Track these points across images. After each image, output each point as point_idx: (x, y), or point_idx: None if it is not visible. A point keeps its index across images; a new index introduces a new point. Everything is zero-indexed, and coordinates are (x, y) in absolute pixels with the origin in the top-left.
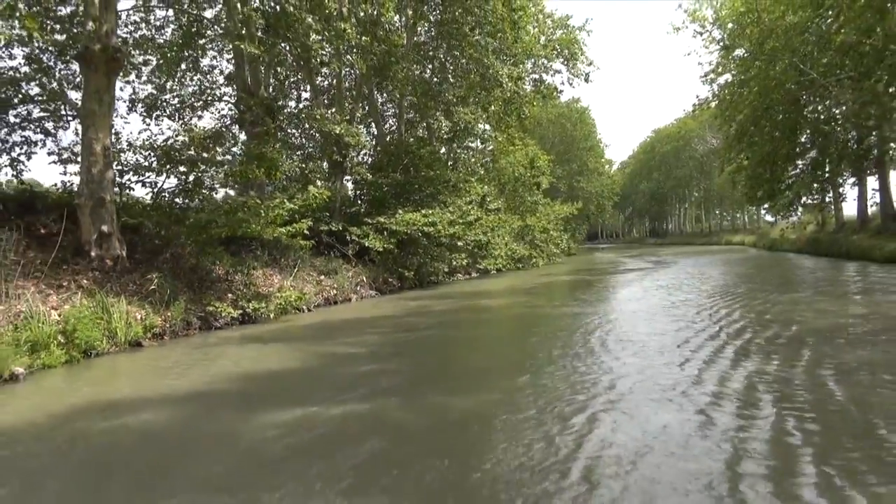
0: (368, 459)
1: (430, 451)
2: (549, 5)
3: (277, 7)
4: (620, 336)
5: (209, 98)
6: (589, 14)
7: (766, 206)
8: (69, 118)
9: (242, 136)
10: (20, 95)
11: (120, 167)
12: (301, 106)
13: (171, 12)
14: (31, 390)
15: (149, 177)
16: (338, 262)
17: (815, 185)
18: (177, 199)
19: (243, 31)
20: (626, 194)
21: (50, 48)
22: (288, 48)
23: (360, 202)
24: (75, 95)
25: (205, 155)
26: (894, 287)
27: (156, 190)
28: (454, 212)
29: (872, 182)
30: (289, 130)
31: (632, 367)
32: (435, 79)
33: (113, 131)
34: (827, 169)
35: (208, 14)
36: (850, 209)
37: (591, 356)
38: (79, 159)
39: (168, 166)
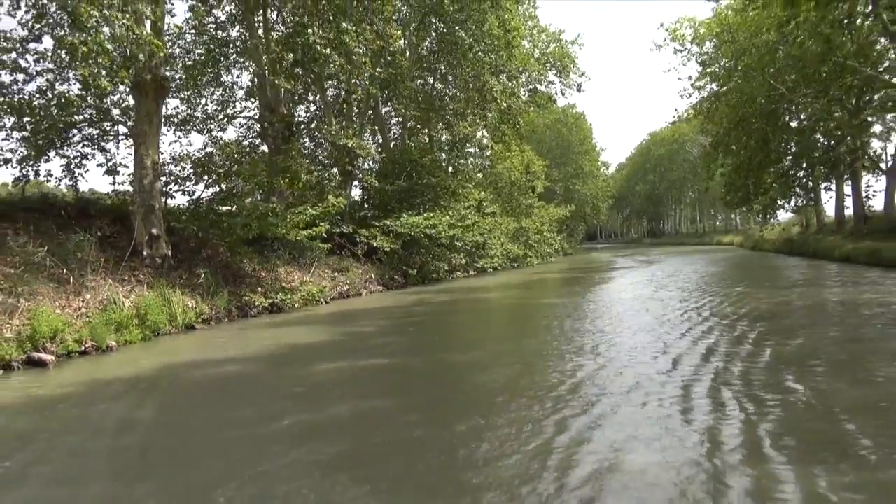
0: (386, 386)
1: (429, 382)
2: (547, 15)
3: (301, 35)
4: (585, 318)
5: (232, 113)
6: (589, 15)
7: (742, 209)
8: (121, 136)
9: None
10: (82, 117)
11: (164, 177)
12: (311, 115)
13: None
14: (126, 357)
15: (188, 186)
16: (349, 261)
17: (790, 189)
18: (213, 206)
19: (266, 62)
20: (623, 195)
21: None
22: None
23: (367, 206)
24: (117, 112)
25: (236, 167)
26: (823, 281)
27: (194, 197)
28: (454, 215)
29: (848, 187)
30: (301, 140)
31: (587, 338)
32: (436, 92)
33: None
34: (800, 175)
35: (231, 33)
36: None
37: (558, 330)
38: (121, 170)
39: (205, 177)
